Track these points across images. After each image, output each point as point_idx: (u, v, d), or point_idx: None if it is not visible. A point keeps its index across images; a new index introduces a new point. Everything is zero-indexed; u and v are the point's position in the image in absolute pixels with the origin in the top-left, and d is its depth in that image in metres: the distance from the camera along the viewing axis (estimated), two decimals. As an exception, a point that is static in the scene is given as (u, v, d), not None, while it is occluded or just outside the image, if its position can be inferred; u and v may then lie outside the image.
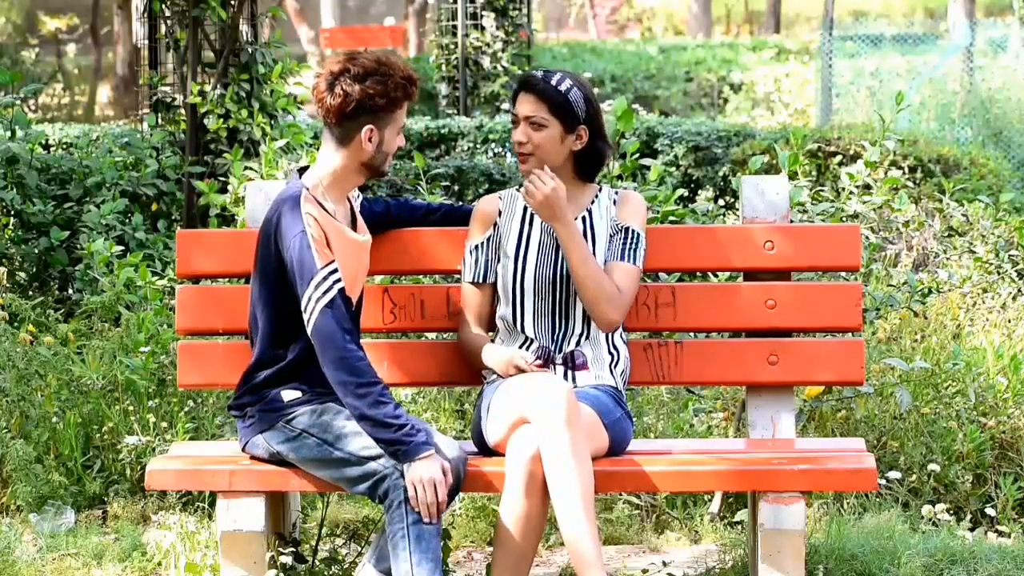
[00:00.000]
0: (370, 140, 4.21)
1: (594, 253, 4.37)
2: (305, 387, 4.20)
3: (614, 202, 4.44)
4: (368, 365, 4.09)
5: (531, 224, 4.43)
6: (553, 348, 4.37)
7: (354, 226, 4.33)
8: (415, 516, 4.00)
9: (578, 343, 4.37)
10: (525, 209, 4.44)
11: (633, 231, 4.40)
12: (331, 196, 4.26)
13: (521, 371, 4.25)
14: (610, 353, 4.40)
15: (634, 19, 37.71)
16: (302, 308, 4.11)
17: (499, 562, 4.09)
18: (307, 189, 4.22)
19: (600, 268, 4.33)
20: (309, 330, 4.11)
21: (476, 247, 4.46)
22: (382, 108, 4.19)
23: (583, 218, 4.41)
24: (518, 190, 4.48)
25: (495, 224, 4.45)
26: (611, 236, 4.40)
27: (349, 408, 4.08)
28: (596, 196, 4.45)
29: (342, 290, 4.13)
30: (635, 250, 4.39)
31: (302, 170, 4.33)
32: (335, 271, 4.13)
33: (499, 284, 4.43)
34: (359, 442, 4.08)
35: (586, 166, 4.42)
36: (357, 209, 4.44)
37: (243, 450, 4.30)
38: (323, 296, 4.10)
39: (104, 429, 5.71)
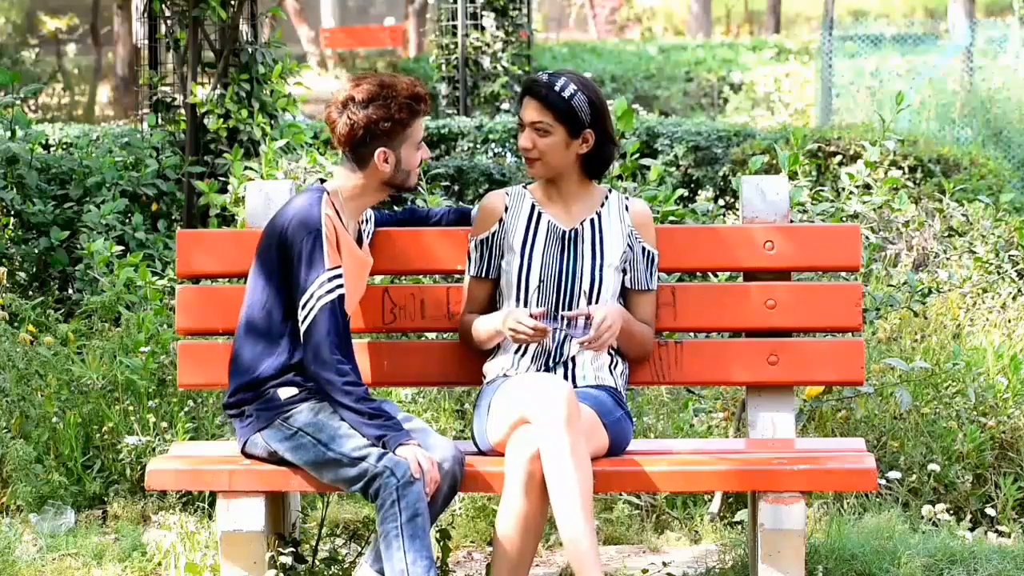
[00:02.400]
0: (386, 162, 4.26)
1: (603, 256, 4.38)
2: (300, 381, 4.22)
3: (626, 208, 4.45)
4: (352, 369, 4.16)
5: (538, 221, 4.43)
6: (554, 346, 4.37)
7: (359, 245, 4.39)
8: (409, 514, 4.02)
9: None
10: (532, 206, 4.45)
11: (652, 254, 4.44)
12: (347, 210, 4.31)
13: (522, 332, 4.22)
14: (610, 354, 4.40)
15: (634, 19, 37.70)
16: (302, 303, 4.14)
17: (499, 562, 4.09)
18: (327, 193, 4.26)
19: (642, 328, 4.40)
20: (305, 325, 4.15)
21: (481, 242, 4.46)
22: (389, 131, 4.23)
23: (592, 220, 4.42)
24: (525, 187, 4.49)
25: (501, 220, 4.45)
26: (630, 247, 4.41)
27: (335, 403, 4.14)
28: (605, 199, 4.46)
29: (342, 296, 4.16)
30: (655, 273, 4.46)
31: (322, 180, 4.39)
32: (340, 276, 4.17)
33: (503, 279, 4.43)
34: (352, 442, 4.11)
35: (593, 167, 4.43)
36: (371, 230, 4.49)
37: (242, 450, 4.30)
38: (326, 295, 4.14)
39: (104, 429, 5.71)
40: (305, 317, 4.15)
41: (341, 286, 4.18)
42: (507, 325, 4.25)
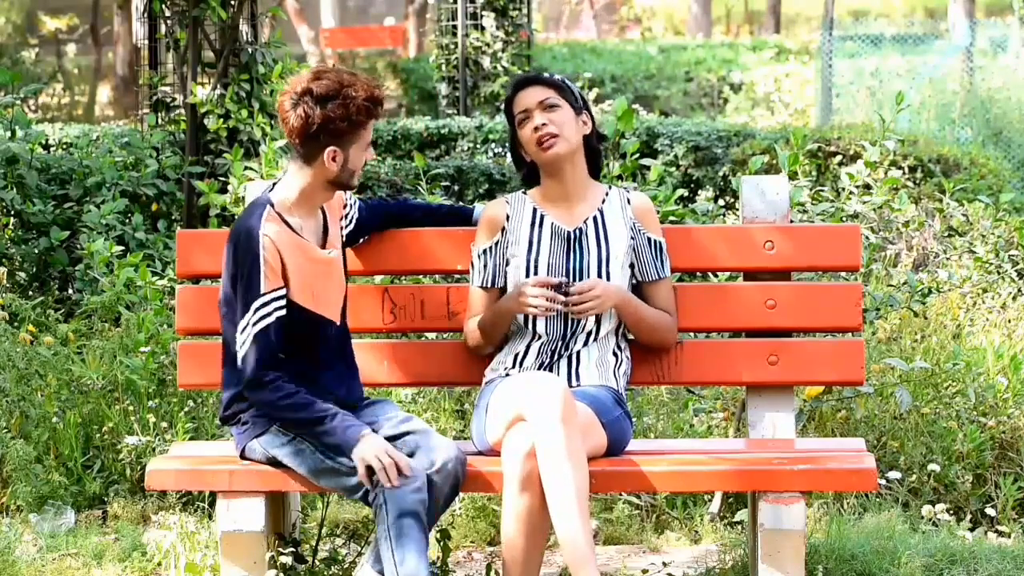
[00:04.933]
0: (334, 160, 4.18)
1: (609, 251, 4.40)
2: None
3: (628, 200, 4.47)
4: (280, 378, 4.11)
5: (541, 225, 4.44)
6: (562, 346, 4.37)
7: (325, 240, 4.32)
8: (395, 514, 4.01)
9: (586, 343, 4.38)
10: (534, 211, 4.46)
11: (659, 242, 4.46)
12: (299, 212, 4.25)
13: (532, 295, 4.24)
14: (615, 355, 4.41)
15: (634, 19, 37.70)
16: (239, 330, 4.13)
17: (508, 561, 4.08)
18: (272, 206, 4.20)
19: (657, 314, 4.41)
20: (240, 354, 4.12)
21: (484, 251, 4.47)
22: (344, 131, 4.16)
23: (595, 218, 4.43)
24: (524, 193, 4.50)
25: (503, 229, 4.46)
26: (633, 238, 4.43)
27: (284, 423, 4.13)
28: (606, 195, 4.48)
29: (280, 319, 4.13)
30: (665, 260, 4.46)
31: (276, 183, 4.32)
32: (279, 299, 4.13)
33: (511, 285, 4.42)
34: None
35: (592, 158, 4.48)
36: (354, 215, 4.45)
37: (241, 456, 4.29)
38: (259, 322, 4.11)
39: (104, 429, 5.71)
40: (241, 344, 4.13)
41: (280, 308, 4.14)
42: (519, 297, 4.28)
